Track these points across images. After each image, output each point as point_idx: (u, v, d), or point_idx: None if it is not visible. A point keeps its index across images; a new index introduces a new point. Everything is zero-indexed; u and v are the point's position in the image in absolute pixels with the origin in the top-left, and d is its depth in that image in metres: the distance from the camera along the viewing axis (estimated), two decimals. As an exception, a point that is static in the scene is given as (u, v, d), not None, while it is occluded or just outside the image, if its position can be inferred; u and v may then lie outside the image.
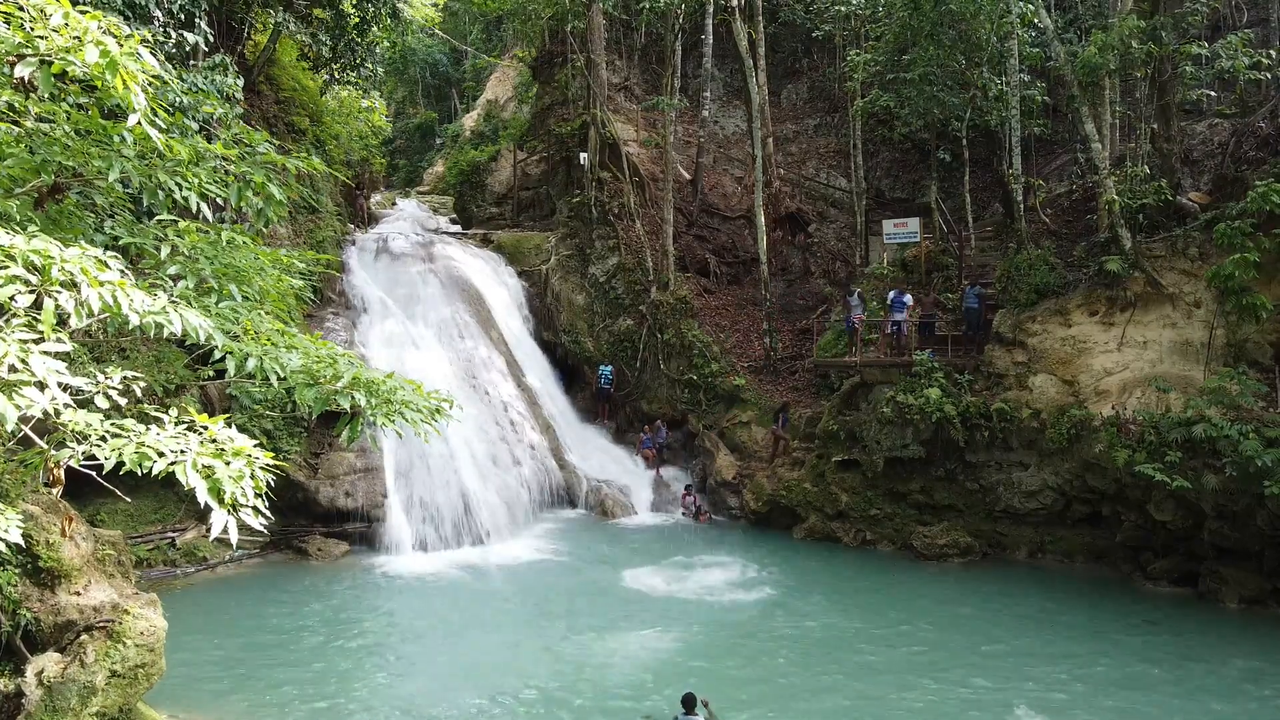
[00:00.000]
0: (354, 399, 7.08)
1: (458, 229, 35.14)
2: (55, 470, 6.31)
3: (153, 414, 6.15)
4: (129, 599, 10.83)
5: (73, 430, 5.67)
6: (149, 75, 6.67)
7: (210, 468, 5.65)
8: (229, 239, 7.64)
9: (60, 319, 5.35)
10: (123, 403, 5.93)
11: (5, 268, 5.22)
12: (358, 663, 14.25)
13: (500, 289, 28.60)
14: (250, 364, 6.59)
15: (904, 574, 19.00)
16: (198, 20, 18.92)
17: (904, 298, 22.61)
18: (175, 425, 5.98)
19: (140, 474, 5.72)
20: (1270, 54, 20.71)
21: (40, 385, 5.14)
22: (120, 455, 5.61)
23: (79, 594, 10.42)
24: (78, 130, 7.19)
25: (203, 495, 5.50)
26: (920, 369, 20.67)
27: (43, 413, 5.25)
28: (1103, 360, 18.98)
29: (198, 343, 6.26)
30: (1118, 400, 18.30)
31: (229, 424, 6.21)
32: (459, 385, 23.31)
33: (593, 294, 28.75)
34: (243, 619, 15.90)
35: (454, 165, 40.22)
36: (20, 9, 6.24)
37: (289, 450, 19.92)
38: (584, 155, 29.73)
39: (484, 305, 27.34)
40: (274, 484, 6.13)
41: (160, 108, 7.09)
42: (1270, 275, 17.19)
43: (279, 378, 6.78)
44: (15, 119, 7.05)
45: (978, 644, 14.90)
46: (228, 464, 5.72)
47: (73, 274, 5.39)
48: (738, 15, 28.21)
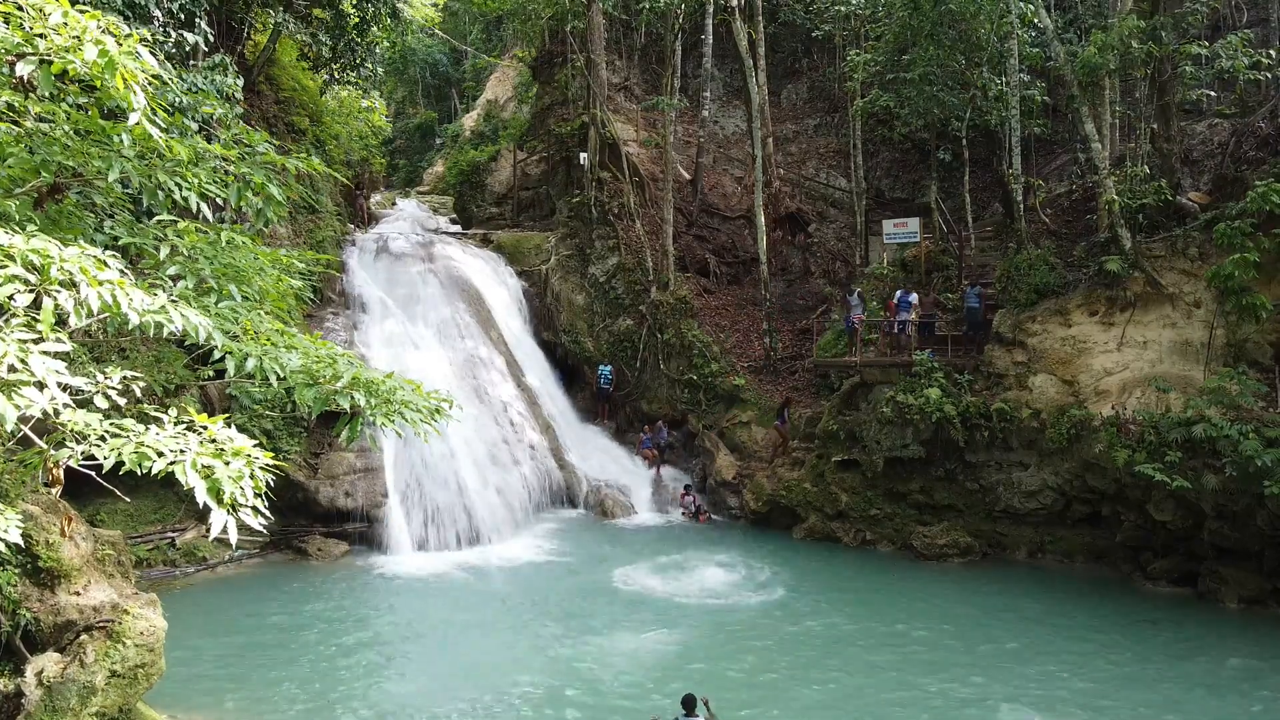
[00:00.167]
0: (354, 399, 7.08)
1: (458, 229, 35.13)
2: (55, 470, 6.32)
3: (152, 414, 6.14)
4: (129, 599, 10.83)
5: (72, 430, 5.67)
6: (148, 74, 6.67)
7: (210, 468, 5.65)
8: (229, 239, 7.64)
9: (60, 319, 5.35)
10: (122, 403, 5.93)
11: (4, 267, 5.22)
12: (358, 663, 14.24)
13: (500, 289, 28.59)
14: (250, 364, 6.59)
15: (904, 574, 19.00)
16: (197, 20, 18.92)
17: (909, 297, 22.62)
18: (175, 425, 5.98)
19: (140, 474, 5.72)
20: (1270, 54, 20.70)
21: (40, 385, 5.14)
22: (120, 455, 5.61)
23: (79, 594, 10.42)
24: (77, 130, 7.19)
25: (202, 495, 5.50)
26: (920, 369, 20.67)
27: (42, 413, 5.25)
28: (1103, 360, 18.98)
29: (197, 343, 6.26)
30: (1118, 400, 18.31)
31: (229, 424, 6.21)
32: (459, 385, 23.31)
33: (593, 294, 28.75)
34: (242, 619, 15.90)
35: (454, 165, 40.22)
36: (20, 8, 6.24)
37: (289, 450, 19.92)
38: (584, 155, 29.72)
39: (484, 305, 27.34)
40: (274, 484, 6.13)
41: (160, 107, 7.09)
42: (1270, 275, 17.20)
43: (279, 378, 6.78)
44: (15, 119, 7.05)
45: (977, 644, 14.92)
46: (227, 464, 5.73)
47: (72, 273, 5.39)
48: (738, 15, 28.21)
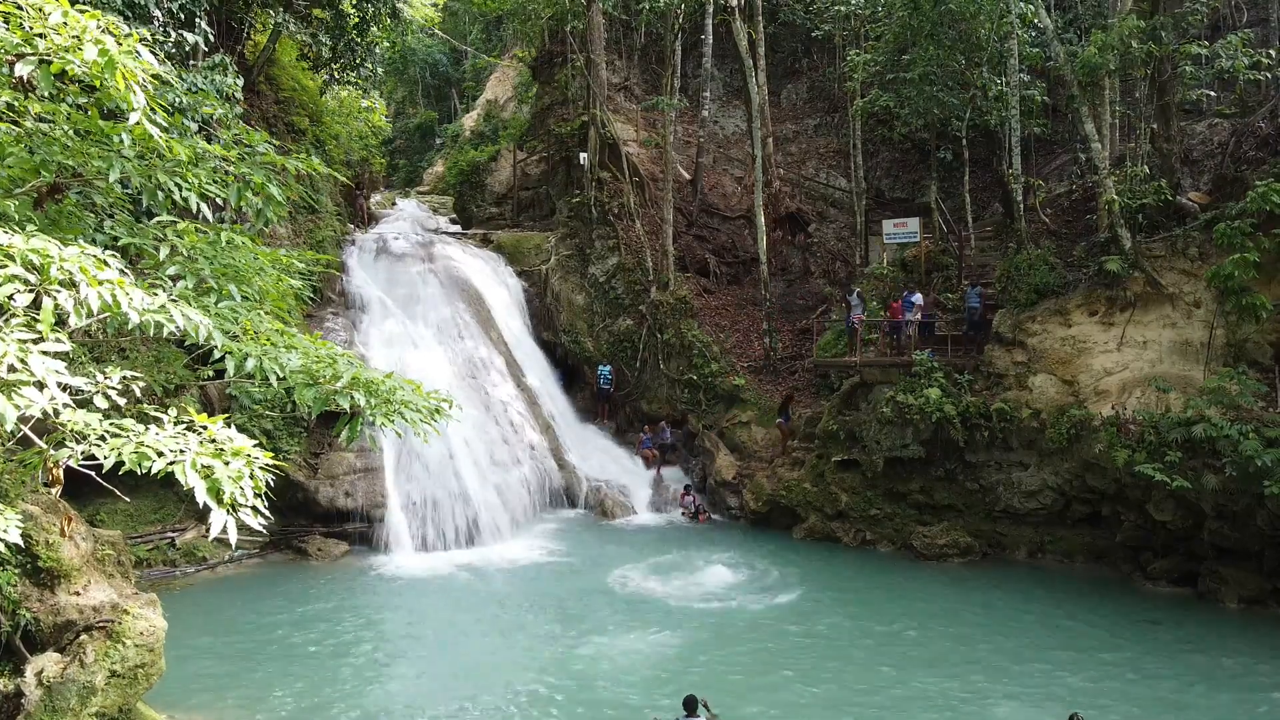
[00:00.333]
0: (353, 399, 7.07)
1: (458, 229, 35.12)
2: (54, 470, 6.31)
3: (152, 414, 6.14)
4: (129, 599, 10.83)
5: (72, 430, 5.66)
6: (148, 74, 6.66)
7: (209, 468, 5.64)
8: (228, 239, 7.63)
9: (59, 318, 5.34)
10: (122, 402, 5.93)
11: (4, 267, 5.22)
12: (358, 663, 14.24)
13: (500, 289, 28.59)
14: (250, 364, 6.59)
15: (904, 574, 19.00)
16: (197, 20, 18.92)
17: (913, 297, 22.62)
18: (174, 425, 5.98)
19: (140, 474, 5.71)
20: (1270, 54, 20.70)
21: (39, 385, 5.13)
22: (119, 455, 5.60)
23: (79, 594, 10.43)
24: (77, 130, 7.18)
25: (202, 495, 5.49)
26: (920, 369, 20.67)
27: (42, 412, 5.25)
28: (1102, 360, 18.98)
29: (197, 343, 6.25)
30: (1118, 400, 18.31)
31: (228, 424, 6.20)
32: (459, 385, 23.31)
33: (592, 294, 28.75)
34: (242, 619, 15.90)
35: (454, 165, 40.21)
36: (19, 8, 6.23)
37: (289, 450, 19.93)
38: (584, 155, 29.71)
39: (484, 305, 27.34)
40: (273, 484, 6.13)
41: (160, 108, 7.08)
42: (1270, 275, 17.20)
43: (278, 378, 6.78)
44: (15, 119, 7.04)
45: (977, 644, 14.92)
46: (227, 464, 5.72)
47: (72, 273, 5.38)
48: (738, 15, 28.21)
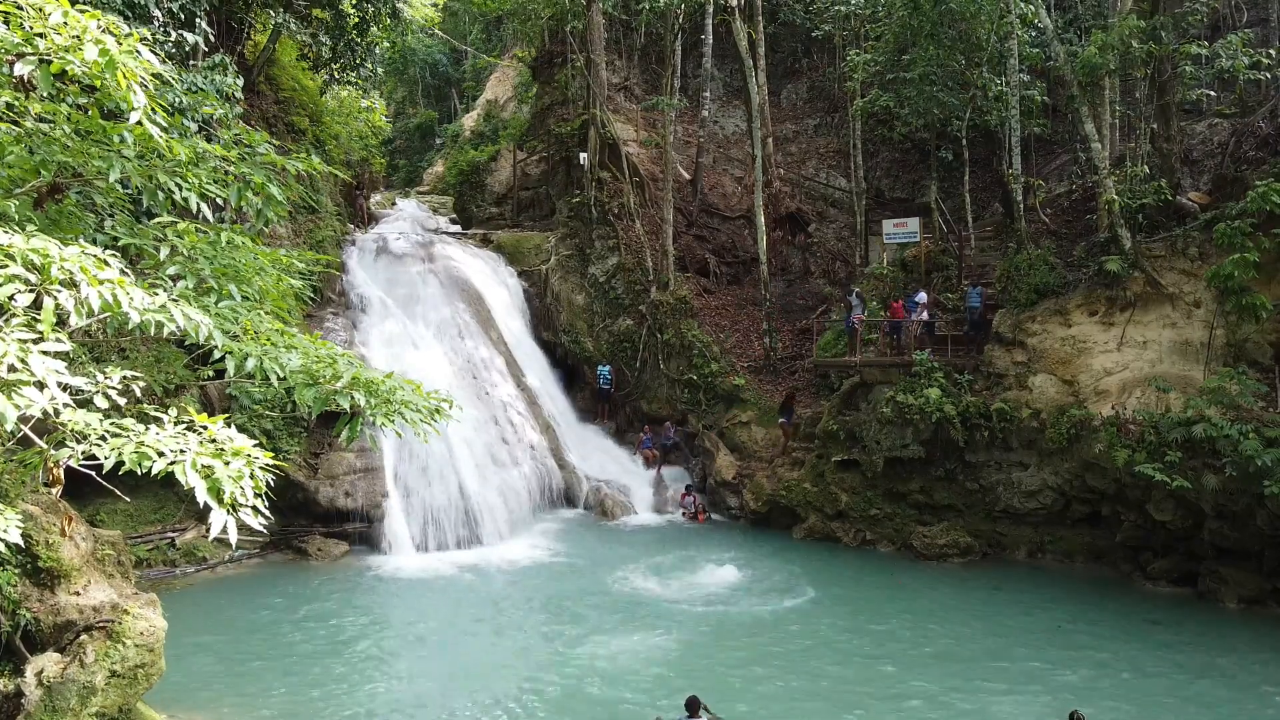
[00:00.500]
0: (353, 399, 7.07)
1: (457, 229, 35.10)
2: (55, 470, 6.30)
3: (152, 414, 6.14)
4: (129, 599, 10.83)
5: (72, 430, 5.66)
6: (149, 73, 6.66)
7: (210, 467, 5.64)
8: (229, 239, 7.62)
9: (60, 318, 5.34)
10: (122, 402, 5.92)
11: (5, 267, 5.21)
12: (357, 663, 14.24)
13: (500, 289, 28.58)
14: (250, 364, 6.58)
15: (904, 574, 19.00)
16: (197, 20, 18.92)
17: (919, 296, 22.64)
18: (175, 425, 5.98)
19: (140, 474, 5.71)
20: (1270, 54, 20.71)
21: (40, 385, 5.13)
22: (120, 455, 5.60)
23: (79, 594, 10.43)
24: (78, 130, 7.18)
25: (202, 495, 5.49)
26: (920, 369, 20.67)
27: (42, 412, 5.25)
28: (1102, 360, 18.98)
29: (197, 343, 6.25)
30: (1118, 400, 18.31)
31: (229, 424, 6.20)
32: (459, 385, 23.31)
33: (592, 294, 28.75)
34: (242, 619, 15.90)
35: (454, 165, 40.21)
36: (19, 8, 6.23)
37: (289, 450, 19.92)
38: (584, 155, 29.71)
39: (484, 305, 27.33)
40: (273, 484, 6.13)
41: (160, 107, 7.08)
42: (1270, 275, 17.21)
43: (279, 378, 6.77)
44: (15, 119, 7.04)
45: (977, 644, 14.92)
46: (227, 464, 5.72)
47: (72, 273, 5.38)
48: (738, 15, 28.21)
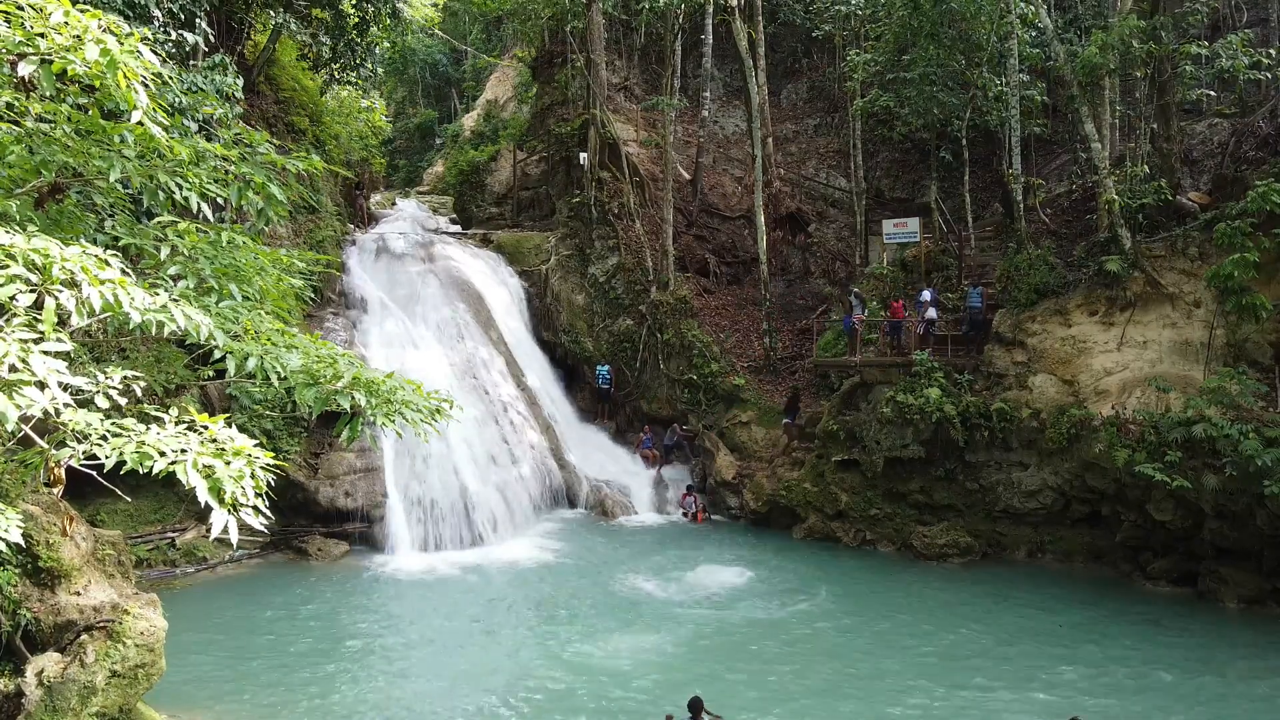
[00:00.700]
0: (354, 399, 7.07)
1: (457, 229, 35.10)
2: (55, 470, 6.31)
3: (153, 414, 6.14)
4: (129, 599, 10.83)
5: (73, 430, 5.66)
6: (150, 73, 6.66)
7: (210, 467, 5.64)
8: (229, 239, 7.62)
9: (61, 318, 5.34)
10: (123, 402, 5.92)
11: (6, 267, 5.22)
12: (357, 663, 14.25)
13: (500, 289, 28.58)
14: (250, 364, 6.59)
15: (904, 574, 19.00)
16: (198, 20, 18.92)
17: (924, 294, 22.64)
18: (175, 425, 5.98)
19: (141, 474, 5.72)
20: (1270, 54, 20.71)
21: (40, 385, 5.13)
22: (121, 455, 5.60)
23: (79, 594, 10.43)
24: (78, 130, 7.18)
25: (203, 495, 5.49)
26: (920, 369, 20.67)
27: (43, 412, 5.25)
28: (1102, 360, 18.98)
29: (198, 343, 6.25)
30: (1118, 400, 18.31)
31: (229, 424, 6.20)
32: (459, 385, 23.31)
33: (592, 294, 28.75)
34: (243, 619, 15.90)
35: (454, 165, 40.20)
36: (21, 8, 6.23)
37: (289, 450, 19.93)
38: (584, 155, 29.71)
39: (484, 305, 27.33)
40: (274, 484, 6.13)
41: (160, 107, 7.08)
42: (1270, 275, 17.21)
43: (279, 378, 6.77)
44: (16, 119, 7.04)
45: (977, 644, 14.92)
46: (228, 464, 5.72)
47: (73, 273, 5.39)
48: (738, 15, 28.21)
